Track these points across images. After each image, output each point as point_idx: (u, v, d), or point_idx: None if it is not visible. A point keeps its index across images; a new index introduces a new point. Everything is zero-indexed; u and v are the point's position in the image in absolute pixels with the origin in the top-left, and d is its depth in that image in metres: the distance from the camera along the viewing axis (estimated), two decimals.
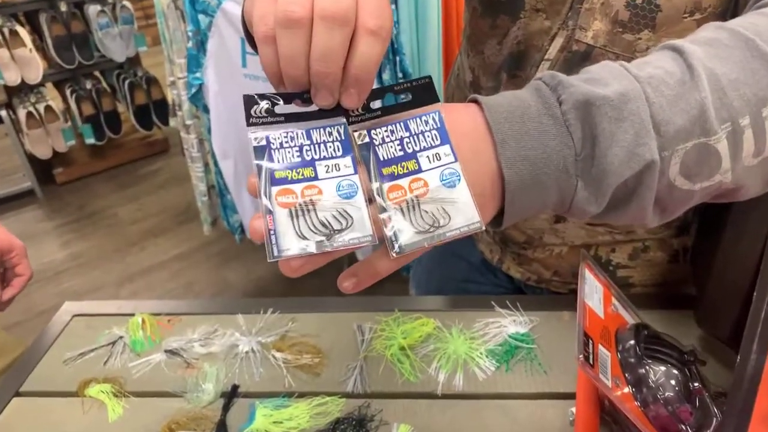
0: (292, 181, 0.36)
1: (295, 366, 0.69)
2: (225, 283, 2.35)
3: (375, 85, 0.38)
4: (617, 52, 0.58)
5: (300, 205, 0.35)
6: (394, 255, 0.35)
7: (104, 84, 3.08)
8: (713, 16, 0.54)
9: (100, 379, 0.70)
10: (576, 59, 0.61)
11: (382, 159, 0.37)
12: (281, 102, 0.37)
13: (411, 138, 0.38)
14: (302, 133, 0.37)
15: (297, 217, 0.35)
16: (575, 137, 0.37)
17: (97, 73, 3.07)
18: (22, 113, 2.80)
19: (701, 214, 0.72)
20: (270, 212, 0.35)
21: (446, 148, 0.38)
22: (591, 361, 0.52)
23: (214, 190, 1.92)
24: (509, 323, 0.72)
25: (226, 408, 0.64)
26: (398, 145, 0.38)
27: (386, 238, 0.36)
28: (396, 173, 0.37)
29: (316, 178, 0.36)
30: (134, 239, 2.66)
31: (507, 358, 0.68)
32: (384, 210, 0.36)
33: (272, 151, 0.37)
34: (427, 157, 0.38)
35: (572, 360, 0.67)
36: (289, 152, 0.37)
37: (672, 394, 0.56)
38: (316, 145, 0.37)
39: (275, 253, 0.34)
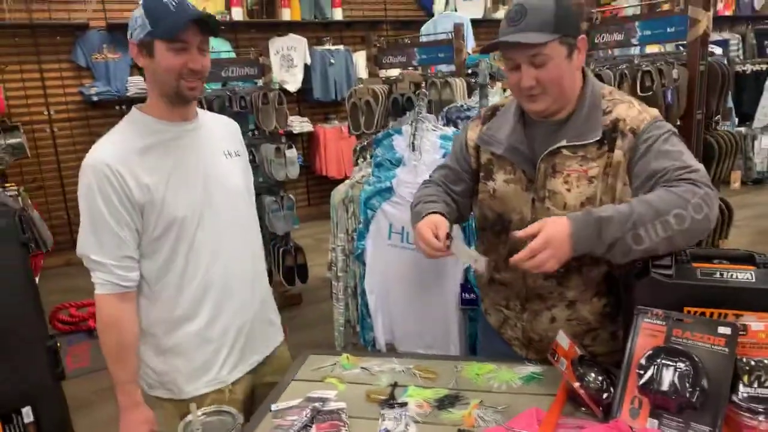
0: None
1: (423, 376, 1.43)
2: None
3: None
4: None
5: None
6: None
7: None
8: None
9: (331, 376, 1.47)
10: None
11: None
12: None
13: None
14: None
15: None
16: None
17: None
18: None
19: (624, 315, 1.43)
20: None
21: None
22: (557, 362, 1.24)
23: (349, 323, 2.74)
24: (530, 369, 1.43)
25: (393, 387, 1.38)
26: None
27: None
28: None
29: None
30: None
31: (529, 379, 1.38)
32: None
33: None
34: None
35: (559, 380, 1.36)
36: None
37: (598, 383, 1.24)
38: None
39: None
